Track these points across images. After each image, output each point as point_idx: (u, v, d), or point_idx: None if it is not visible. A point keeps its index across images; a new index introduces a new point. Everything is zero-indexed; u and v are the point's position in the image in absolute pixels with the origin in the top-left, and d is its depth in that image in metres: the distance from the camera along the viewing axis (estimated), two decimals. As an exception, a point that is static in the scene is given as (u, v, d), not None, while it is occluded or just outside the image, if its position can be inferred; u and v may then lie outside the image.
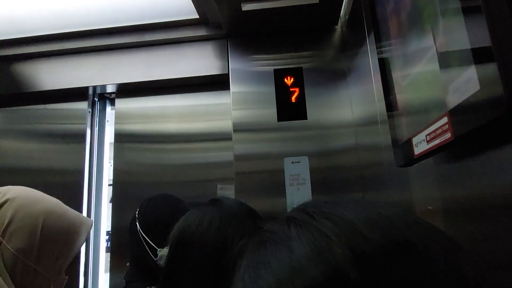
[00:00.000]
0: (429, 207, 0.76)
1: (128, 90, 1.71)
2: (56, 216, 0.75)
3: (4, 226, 0.69)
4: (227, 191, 1.55)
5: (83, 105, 1.72)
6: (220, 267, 0.57)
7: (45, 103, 1.74)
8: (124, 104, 1.72)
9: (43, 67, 1.70)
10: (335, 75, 1.51)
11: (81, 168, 1.64)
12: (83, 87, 1.67)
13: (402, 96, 0.76)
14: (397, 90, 0.78)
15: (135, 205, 1.16)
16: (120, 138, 1.69)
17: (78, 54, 1.69)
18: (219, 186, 1.57)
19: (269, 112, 1.48)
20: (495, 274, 0.49)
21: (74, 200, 1.55)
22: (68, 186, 1.61)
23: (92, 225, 0.84)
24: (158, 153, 1.65)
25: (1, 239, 0.68)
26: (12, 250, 0.68)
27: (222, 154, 1.61)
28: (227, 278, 0.52)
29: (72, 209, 0.83)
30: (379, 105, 1.05)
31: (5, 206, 0.71)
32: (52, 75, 1.68)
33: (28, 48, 1.68)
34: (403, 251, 0.22)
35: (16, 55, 1.69)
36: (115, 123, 1.72)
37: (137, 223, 1.08)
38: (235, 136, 1.48)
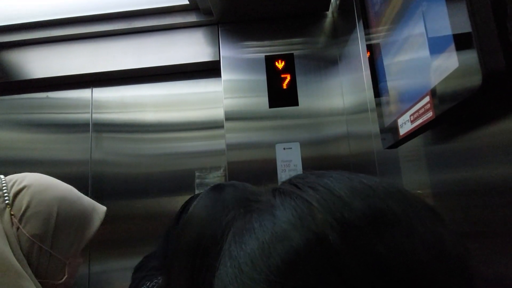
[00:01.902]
0: (418, 191, 0.77)
1: (109, 78, 1.68)
2: (70, 203, 0.78)
3: (21, 212, 0.72)
4: (205, 179, 1.56)
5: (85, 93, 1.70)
6: (206, 251, 0.58)
7: (36, 91, 1.72)
8: (103, 93, 1.70)
9: (32, 55, 1.67)
10: (327, 62, 1.51)
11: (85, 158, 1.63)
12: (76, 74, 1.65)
13: (390, 82, 0.76)
14: (386, 77, 0.78)
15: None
16: (99, 127, 1.67)
17: (68, 41, 1.66)
18: (197, 174, 1.58)
19: (261, 100, 1.48)
20: (484, 254, 0.51)
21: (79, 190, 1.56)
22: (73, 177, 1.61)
23: (104, 212, 0.87)
24: (146, 143, 1.64)
25: (18, 224, 0.71)
26: (28, 235, 0.71)
27: (211, 143, 1.61)
28: (214, 258, 0.54)
29: (86, 196, 0.86)
30: (369, 93, 1.06)
31: (22, 192, 0.74)
32: (42, 62, 1.66)
33: (16, 35, 1.65)
34: (383, 218, 0.23)
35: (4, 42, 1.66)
36: (93, 112, 1.69)
37: None
38: (227, 125, 1.48)
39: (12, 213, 0.71)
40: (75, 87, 1.71)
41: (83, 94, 1.71)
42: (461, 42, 0.43)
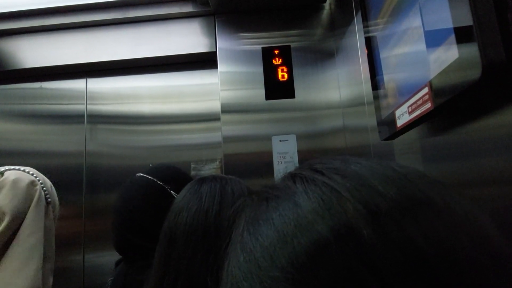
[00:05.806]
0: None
1: (104, 69, 1.66)
2: None
3: (57, 210, 0.80)
4: (200, 171, 1.56)
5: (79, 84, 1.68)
6: (196, 243, 0.58)
7: (30, 81, 1.69)
8: (98, 84, 1.68)
9: (25, 44, 1.64)
10: (323, 55, 1.50)
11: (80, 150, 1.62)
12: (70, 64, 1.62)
13: (388, 76, 0.76)
14: (383, 70, 0.79)
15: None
16: (94, 119, 1.65)
17: (62, 30, 1.63)
18: (192, 165, 1.58)
19: (257, 92, 1.47)
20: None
21: (73, 183, 1.56)
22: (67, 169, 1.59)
23: None
24: (141, 135, 1.63)
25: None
26: None
27: (207, 135, 1.61)
28: (219, 242, 0.54)
29: None
30: (366, 86, 1.06)
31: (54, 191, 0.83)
32: (35, 52, 1.63)
33: (8, 23, 1.62)
34: (422, 208, 0.20)
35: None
36: (88, 103, 1.67)
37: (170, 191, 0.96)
38: (223, 117, 1.47)
39: (53, 210, 0.76)
40: (69, 77, 1.68)
41: (78, 84, 1.68)
42: (461, 33, 0.43)
